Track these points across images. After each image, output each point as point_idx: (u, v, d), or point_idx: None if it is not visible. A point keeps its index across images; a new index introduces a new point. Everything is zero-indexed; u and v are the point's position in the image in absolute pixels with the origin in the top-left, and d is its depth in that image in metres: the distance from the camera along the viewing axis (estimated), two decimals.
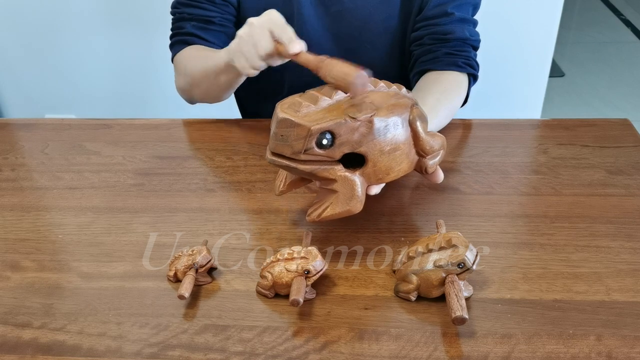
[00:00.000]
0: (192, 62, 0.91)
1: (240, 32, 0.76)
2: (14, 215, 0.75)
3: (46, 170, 0.84)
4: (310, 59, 0.68)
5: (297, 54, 0.70)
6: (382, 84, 0.64)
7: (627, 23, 3.18)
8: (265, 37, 0.72)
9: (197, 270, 0.61)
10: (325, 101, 0.60)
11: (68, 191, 0.79)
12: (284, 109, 0.59)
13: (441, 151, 0.67)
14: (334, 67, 0.62)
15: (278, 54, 0.73)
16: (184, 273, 0.61)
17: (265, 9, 0.94)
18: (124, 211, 0.75)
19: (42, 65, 1.85)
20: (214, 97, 0.93)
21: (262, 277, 0.60)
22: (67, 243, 0.70)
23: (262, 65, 0.76)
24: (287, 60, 0.75)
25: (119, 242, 0.70)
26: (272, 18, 0.73)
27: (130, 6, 1.70)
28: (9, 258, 0.68)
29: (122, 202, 0.76)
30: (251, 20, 0.75)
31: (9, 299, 0.62)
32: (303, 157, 0.59)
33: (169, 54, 0.97)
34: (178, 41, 0.95)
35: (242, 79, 0.86)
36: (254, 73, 0.77)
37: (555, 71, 2.63)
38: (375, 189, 0.65)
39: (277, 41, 0.72)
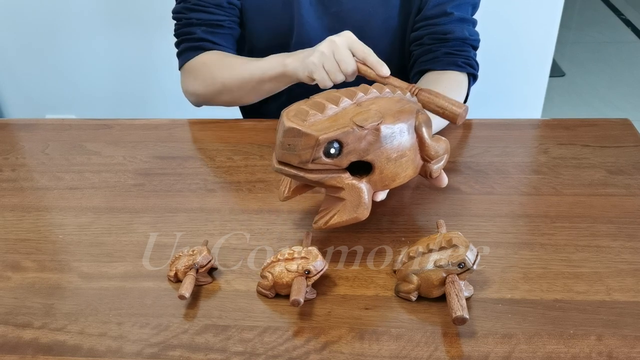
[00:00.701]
0: (221, 69, 0.91)
1: (322, 49, 0.79)
2: (14, 216, 0.75)
3: (47, 170, 0.84)
4: (402, 84, 0.75)
5: (386, 77, 0.76)
6: (387, 89, 0.64)
7: (628, 23, 3.18)
8: (349, 56, 0.78)
9: (197, 271, 0.61)
10: (331, 109, 0.59)
11: (68, 191, 0.79)
12: (290, 118, 0.58)
13: (445, 155, 0.67)
14: (439, 98, 0.71)
15: (366, 75, 0.78)
16: (185, 273, 0.61)
17: (265, 11, 0.94)
18: (124, 211, 0.75)
19: (42, 65, 1.85)
20: (245, 102, 0.94)
21: (263, 277, 0.60)
22: (67, 243, 0.70)
23: (341, 80, 0.80)
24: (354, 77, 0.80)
25: (120, 242, 0.70)
26: (353, 39, 0.79)
27: (130, 6, 1.70)
28: (9, 258, 0.68)
29: (122, 203, 0.77)
30: (332, 38, 0.79)
31: (9, 299, 0.62)
32: (311, 166, 0.58)
33: (170, 54, 0.97)
34: (189, 47, 0.94)
35: (286, 87, 0.89)
36: (329, 86, 0.81)
37: (556, 71, 2.63)
38: (381, 195, 0.65)
39: (359, 61, 0.78)
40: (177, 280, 0.63)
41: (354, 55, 0.78)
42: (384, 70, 0.76)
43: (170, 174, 0.82)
